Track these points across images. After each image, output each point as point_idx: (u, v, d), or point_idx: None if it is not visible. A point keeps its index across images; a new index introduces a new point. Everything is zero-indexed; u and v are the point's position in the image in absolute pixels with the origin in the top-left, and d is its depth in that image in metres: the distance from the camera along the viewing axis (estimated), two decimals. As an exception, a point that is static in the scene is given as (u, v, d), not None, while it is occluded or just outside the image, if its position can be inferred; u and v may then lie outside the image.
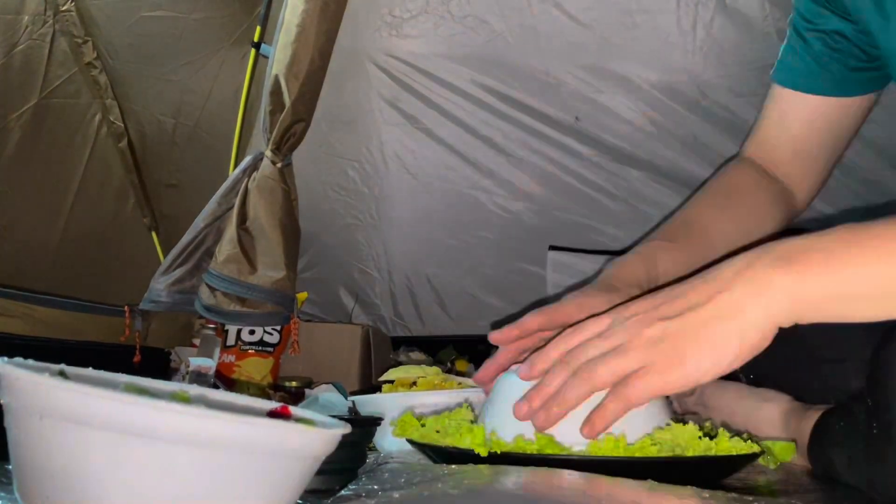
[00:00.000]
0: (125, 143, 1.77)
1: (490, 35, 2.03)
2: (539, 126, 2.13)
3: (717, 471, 0.69)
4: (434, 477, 0.58)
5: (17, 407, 0.44)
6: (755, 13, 1.87)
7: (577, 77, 2.06)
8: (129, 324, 1.64)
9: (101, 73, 1.69)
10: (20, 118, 1.52)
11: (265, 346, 1.74)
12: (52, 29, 1.58)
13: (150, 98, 1.79)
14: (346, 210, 2.29)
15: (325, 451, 0.48)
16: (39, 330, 1.51)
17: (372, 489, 0.57)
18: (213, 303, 1.42)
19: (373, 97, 2.15)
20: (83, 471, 0.42)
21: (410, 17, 2.03)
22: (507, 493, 0.54)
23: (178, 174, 1.89)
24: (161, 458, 0.42)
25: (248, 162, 1.49)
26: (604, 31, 1.99)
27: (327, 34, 1.39)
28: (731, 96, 1.99)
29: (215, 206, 1.50)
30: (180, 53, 1.78)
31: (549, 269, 2.27)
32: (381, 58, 2.10)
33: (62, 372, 0.51)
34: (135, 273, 1.73)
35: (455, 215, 2.27)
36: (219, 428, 0.42)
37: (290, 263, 1.44)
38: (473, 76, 2.10)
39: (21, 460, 0.45)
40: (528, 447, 0.66)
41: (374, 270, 2.36)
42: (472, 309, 2.34)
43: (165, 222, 1.86)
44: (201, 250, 1.50)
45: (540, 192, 2.21)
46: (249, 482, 0.44)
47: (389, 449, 0.92)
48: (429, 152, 2.20)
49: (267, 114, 1.40)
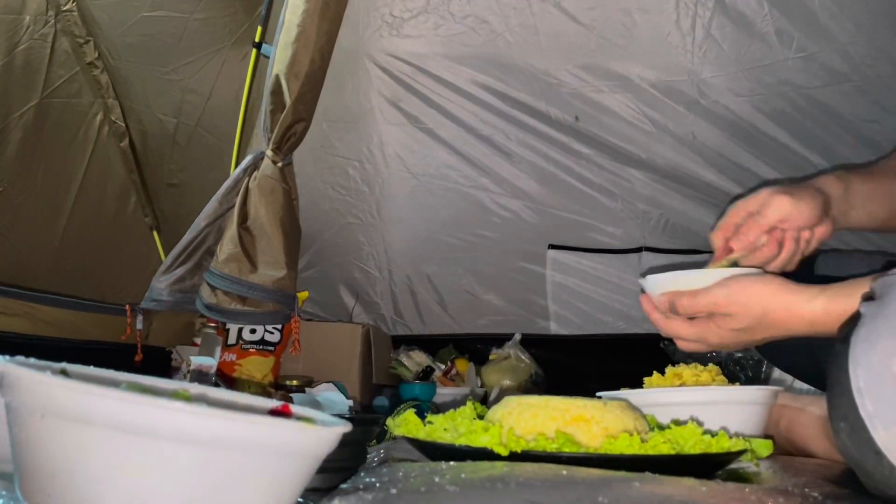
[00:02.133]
0: (126, 143, 1.77)
1: (490, 35, 2.04)
2: (539, 125, 2.14)
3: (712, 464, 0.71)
4: (432, 472, 0.59)
5: (19, 405, 0.44)
6: (754, 13, 1.88)
7: (576, 77, 2.07)
8: (130, 323, 1.64)
9: (102, 72, 1.69)
10: (22, 118, 1.52)
11: (266, 345, 1.74)
12: (53, 29, 1.58)
13: (152, 98, 1.79)
14: (347, 209, 2.29)
15: (326, 449, 0.48)
16: (41, 329, 1.51)
17: (370, 483, 0.57)
18: (214, 302, 1.42)
19: (373, 97, 2.16)
20: (84, 469, 0.42)
21: (411, 16, 2.04)
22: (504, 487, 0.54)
23: (180, 173, 1.89)
24: (163, 457, 0.42)
25: (249, 161, 1.49)
26: (603, 31, 1.99)
27: (328, 34, 1.39)
28: (730, 95, 2.00)
29: (216, 205, 1.50)
30: (182, 53, 1.78)
31: (549, 267, 2.27)
32: (382, 57, 2.10)
33: (64, 371, 0.51)
34: (136, 272, 1.73)
35: (455, 214, 2.27)
36: (220, 426, 0.42)
37: (290, 262, 1.44)
38: (474, 76, 2.11)
39: (23, 458, 0.45)
40: (548, 445, 0.66)
41: (374, 269, 2.36)
42: (472, 307, 2.34)
43: (166, 221, 1.87)
44: (202, 249, 1.50)
45: (539, 190, 2.21)
46: (251, 480, 0.44)
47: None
48: (429, 152, 2.21)
49: (268, 113, 1.41)
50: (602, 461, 0.64)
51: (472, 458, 0.67)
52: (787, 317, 0.76)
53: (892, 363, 0.55)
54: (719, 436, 0.72)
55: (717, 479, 0.67)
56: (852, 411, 0.56)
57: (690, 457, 0.68)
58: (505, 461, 0.65)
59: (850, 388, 0.56)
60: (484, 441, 0.68)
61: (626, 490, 0.54)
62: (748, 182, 2.08)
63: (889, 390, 0.55)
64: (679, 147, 2.08)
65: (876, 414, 0.55)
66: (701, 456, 0.69)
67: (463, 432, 0.72)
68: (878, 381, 0.55)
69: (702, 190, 2.12)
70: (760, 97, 1.97)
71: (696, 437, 0.71)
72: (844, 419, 0.57)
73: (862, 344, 0.57)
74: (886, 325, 0.56)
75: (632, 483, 0.56)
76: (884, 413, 0.55)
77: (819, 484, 0.67)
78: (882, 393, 0.55)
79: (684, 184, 2.12)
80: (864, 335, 0.57)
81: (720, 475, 0.72)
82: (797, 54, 1.87)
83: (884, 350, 0.56)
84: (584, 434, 0.69)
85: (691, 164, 2.09)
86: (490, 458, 0.65)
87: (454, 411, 0.82)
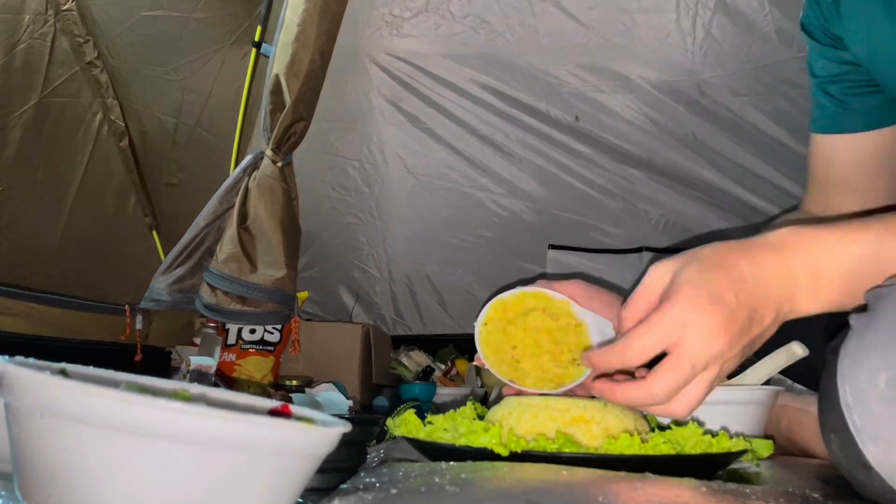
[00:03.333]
0: (126, 143, 1.77)
1: (490, 34, 2.04)
2: (539, 125, 2.14)
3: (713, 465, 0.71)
4: (432, 472, 0.59)
5: (19, 406, 0.44)
6: (755, 13, 1.88)
7: (577, 76, 2.07)
8: (129, 323, 1.64)
9: (101, 72, 1.69)
10: (21, 117, 1.52)
11: (266, 345, 1.74)
12: (53, 28, 1.58)
13: (151, 97, 1.79)
14: (347, 209, 2.29)
15: (326, 449, 0.48)
16: (40, 329, 1.51)
17: (370, 483, 0.57)
18: (213, 301, 1.42)
19: (373, 96, 2.16)
20: (84, 469, 0.42)
21: (411, 16, 2.04)
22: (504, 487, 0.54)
23: (179, 173, 1.89)
24: (162, 457, 0.42)
25: (249, 161, 1.49)
26: (604, 31, 1.99)
27: (328, 34, 1.39)
28: (731, 95, 2.00)
29: (216, 205, 1.50)
30: (181, 53, 1.78)
31: (549, 267, 2.27)
32: (382, 57, 2.10)
33: (63, 370, 0.51)
34: (135, 272, 1.73)
35: (455, 214, 2.27)
36: (220, 426, 0.42)
37: (290, 262, 1.44)
38: (474, 75, 2.11)
39: (22, 459, 0.45)
40: (548, 445, 0.66)
41: (374, 269, 2.36)
42: (472, 307, 2.33)
43: (166, 221, 1.87)
44: (202, 249, 1.50)
45: (540, 190, 2.21)
46: (250, 480, 0.44)
47: None
48: (429, 151, 2.21)
49: (267, 113, 1.41)
50: (602, 461, 0.64)
51: (472, 458, 0.66)
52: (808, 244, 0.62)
53: (879, 379, 0.55)
54: (720, 436, 0.72)
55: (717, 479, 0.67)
56: (841, 425, 0.56)
57: (691, 457, 0.68)
58: (505, 461, 0.65)
59: (838, 403, 0.56)
60: (484, 441, 0.68)
61: (627, 490, 0.54)
62: (748, 182, 2.08)
63: (877, 405, 0.54)
64: (679, 147, 2.08)
65: (864, 429, 0.55)
66: (701, 456, 0.69)
67: (463, 432, 0.72)
68: (865, 396, 0.55)
69: (702, 190, 2.12)
70: (760, 97, 1.97)
71: (696, 437, 0.71)
72: (834, 432, 0.57)
73: (850, 358, 0.57)
74: (875, 338, 0.56)
75: (632, 483, 0.56)
76: (872, 428, 0.54)
77: (819, 485, 0.67)
78: (870, 408, 0.55)
79: (684, 184, 2.12)
80: (852, 349, 0.57)
81: (721, 475, 0.72)
82: (798, 54, 1.86)
83: (872, 365, 0.55)
84: (585, 434, 0.69)
85: (691, 164, 2.09)
86: (490, 459, 0.65)
87: (454, 411, 0.82)
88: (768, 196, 2.08)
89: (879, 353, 0.55)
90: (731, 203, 2.11)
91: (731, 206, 2.11)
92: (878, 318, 0.57)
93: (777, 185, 2.06)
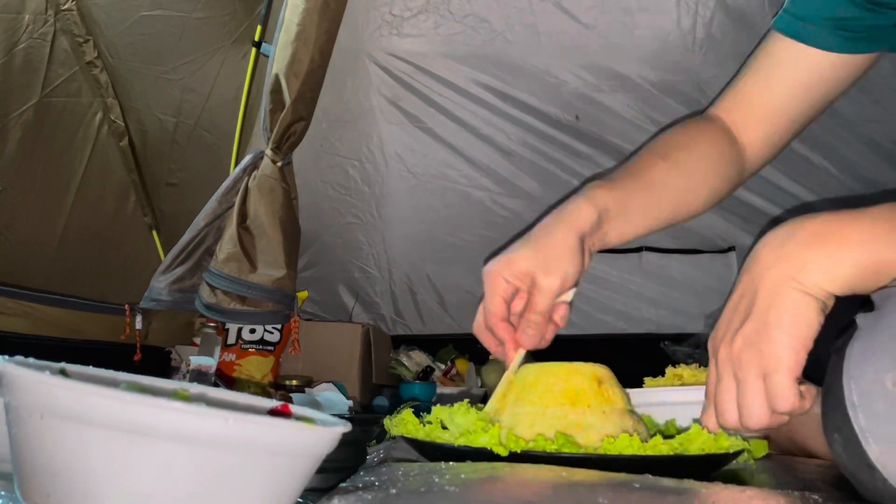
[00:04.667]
0: (126, 142, 1.77)
1: (490, 34, 2.03)
2: (539, 125, 2.14)
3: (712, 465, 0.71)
4: (431, 472, 0.59)
5: (18, 405, 0.44)
6: (755, 12, 1.87)
7: (577, 76, 2.07)
8: (129, 322, 1.64)
9: (101, 71, 1.69)
10: (21, 117, 1.52)
11: (266, 345, 1.74)
12: (52, 28, 1.58)
13: (151, 97, 1.79)
14: (347, 209, 2.29)
15: (326, 449, 0.48)
16: (40, 328, 1.51)
17: (370, 483, 0.57)
18: (213, 301, 1.42)
19: (373, 96, 2.15)
20: (84, 469, 0.42)
21: (411, 16, 2.03)
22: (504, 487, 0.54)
23: (179, 173, 1.89)
24: (162, 457, 0.42)
25: (249, 161, 1.49)
26: (604, 31, 1.99)
27: (327, 33, 1.39)
28: (731, 95, 1.99)
29: (216, 204, 1.51)
30: (181, 52, 1.78)
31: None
32: (382, 57, 2.10)
33: (63, 370, 0.51)
34: (135, 272, 1.73)
35: (455, 214, 2.27)
36: (219, 426, 0.42)
37: (290, 262, 1.44)
38: (474, 75, 2.10)
39: (22, 458, 0.45)
40: (548, 446, 0.66)
41: (374, 269, 2.36)
42: (472, 307, 2.32)
43: (166, 221, 1.87)
44: (202, 249, 1.50)
45: (539, 190, 2.21)
46: (250, 480, 0.44)
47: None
48: (429, 151, 2.20)
49: (267, 113, 1.41)
50: (601, 462, 0.64)
51: (471, 458, 0.66)
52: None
53: (885, 378, 0.54)
54: (719, 436, 0.72)
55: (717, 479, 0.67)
56: (846, 424, 0.56)
57: (690, 457, 0.68)
58: (505, 462, 0.65)
59: (843, 402, 0.56)
60: (483, 441, 0.68)
61: (626, 491, 0.54)
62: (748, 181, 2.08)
63: (882, 406, 0.54)
64: (679, 147, 2.08)
65: (868, 429, 0.55)
66: (700, 456, 0.69)
67: (462, 431, 0.72)
68: (871, 396, 0.55)
69: (702, 189, 2.11)
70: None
71: (702, 438, 0.71)
72: (838, 431, 0.57)
73: (856, 357, 0.56)
74: (881, 338, 0.56)
75: (631, 484, 0.56)
76: (876, 428, 0.54)
77: (819, 485, 0.67)
78: (875, 408, 0.55)
79: (684, 183, 2.11)
80: (858, 348, 0.57)
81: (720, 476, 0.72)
82: (797, 54, 1.86)
83: (878, 365, 0.55)
84: (584, 440, 0.69)
85: (691, 163, 2.09)
86: (490, 459, 0.65)
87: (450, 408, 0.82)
88: (768, 196, 2.08)
89: (886, 353, 0.55)
90: (731, 202, 2.11)
91: (730, 205, 2.11)
92: (884, 318, 0.57)
93: (777, 185, 2.06)
